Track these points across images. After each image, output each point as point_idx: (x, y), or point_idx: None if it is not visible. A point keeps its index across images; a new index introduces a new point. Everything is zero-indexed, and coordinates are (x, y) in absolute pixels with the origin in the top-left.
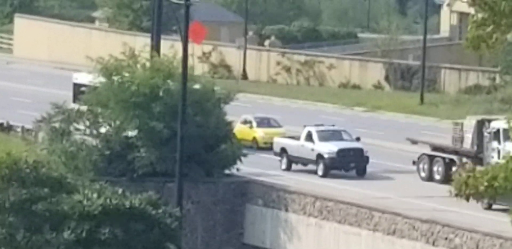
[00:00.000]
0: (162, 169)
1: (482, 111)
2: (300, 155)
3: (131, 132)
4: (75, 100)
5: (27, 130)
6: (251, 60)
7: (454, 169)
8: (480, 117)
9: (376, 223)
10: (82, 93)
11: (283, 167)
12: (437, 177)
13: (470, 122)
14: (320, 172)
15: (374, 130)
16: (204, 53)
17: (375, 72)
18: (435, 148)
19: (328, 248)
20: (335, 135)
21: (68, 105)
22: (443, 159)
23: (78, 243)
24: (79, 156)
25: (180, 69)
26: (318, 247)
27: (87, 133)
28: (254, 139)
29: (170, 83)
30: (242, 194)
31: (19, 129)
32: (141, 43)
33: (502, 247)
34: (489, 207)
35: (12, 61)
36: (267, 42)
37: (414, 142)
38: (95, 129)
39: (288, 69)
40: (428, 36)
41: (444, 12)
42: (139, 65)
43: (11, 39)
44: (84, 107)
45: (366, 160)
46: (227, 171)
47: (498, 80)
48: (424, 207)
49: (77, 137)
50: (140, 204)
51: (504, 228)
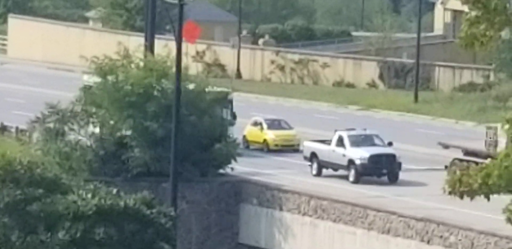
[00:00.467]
0: (156, 169)
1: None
2: (331, 160)
3: (125, 131)
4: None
5: (21, 130)
6: (245, 59)
7: None
8: None
9: (371, 221)
10: None
11: (314, 172)
12: None
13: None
14: (351, 178)
15: (368, 128)
16: (198, 52)
17: (369, 70)
18: (467, 152)
19: (323, 247)
20: (367, 140)
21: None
22: (476, 164)
23: (72, 243)
24: (74, 156)
25: (174, 68)
26: (313, 246)
27: (82, 133)
28: (265, 141)
29: (164, 82)
30: (236, 193)
31: (13, 130)
32: (135, 42)
33: (497, 245)
34: None
35: (6, 61)
36: (261, 41)
37: (446, 146)
38: (89, 129)
39: (282, 68)
40: (422, 34)
41: (438, 10)
42: (133, 65)
43: (5, 39)
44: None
45: (398, 166)
46: (221, 171)
47: (492, 78)
48: (418, 205)
49: (71, 137)
50: (135, 204)
51: (499, 226)
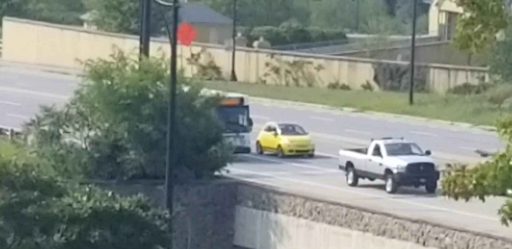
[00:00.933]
0: (151, 171)
1: (471, 110)
2: (367, 169)
3: (120, 134)
4: None
5: (17, 133)
6: (240, 62)
7: None
8: None
9: (366, 223)
10: None
11: (349, 181)
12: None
13: None
14: (388, 188)
15: (364, 130)
16: (193, 54)
17: (364, 72)
18: None
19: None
20: (404, 149)
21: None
22: None
23: (68, 246)
24: (69, 159)
25: (169, 71)
26: (308, 248)
27: (77, 135)
28: (279, 146)
29: (159, 85)
30: (232, 195)
31: (8, 132)
32: (130, 45)
33: (492, 246)
34: None
35: (0, 64)
36: (256, 43)
37: (484, 154)
38: (84, 132)
39: (277, 70)
40: (417, 36)
41: (433, 11)
42: (128, 68)
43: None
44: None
45: (437, 175)
46: (217, 173)
47: (487, 79)
48: (414, 206)
49: (66, 139)
50: (130, 206)
51: (494, 228)
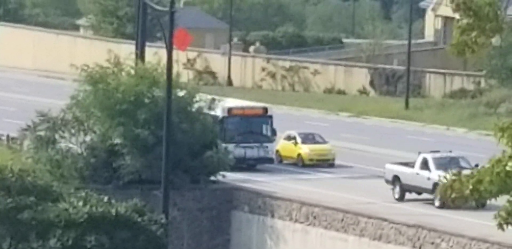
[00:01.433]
0: (147, 176)
1: (467, 115)
2: (415, 183)
3: (116, 139)
4: None
5: (12, 138)
6: (236, 67)
7: None
8: None
9: (362, 228)
10: None
11: (396, 196)
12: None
13: None
14: (437, 203)
15: (360, 135)
16: (189, 60)
17: (360, 77)
18: None
19: None
20: (453, 162)
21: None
22: None
23: None
24: (65, 164)
25: (165, 76)
26: None
27: (73, 141)
28: (299, 155)
29: (155, 90)
30: (228, 200)
31: (4, 137)
32: (126, 50)
33: None
34: None
35: None
36: (252, 48)
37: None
38: (80, 137)
39: (273, 75)
40: (413, 41)
41: (429, 16)
42: (124, 73)
43: None
44: None
45: None
46: (213, 178)
47: (483, 84)
48: (410, 211)
49: (62, 145)
50: (126, 211)
51: (490, 232)
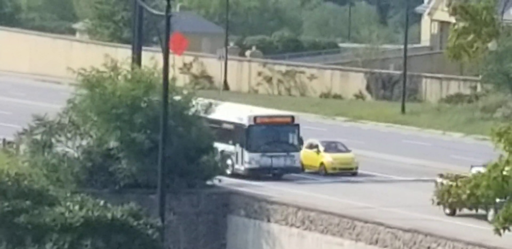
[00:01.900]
0: (144, 181)
1: (463, 120)
2: None
3: (112, 143)
4: None
5: (9, 142)
6: (232, 71)
7: None
8: None
9: (358, 232)
10: None
11: (447, 211)
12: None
13: None
14: (490, 218)
15: (356, 139)
16: (185, 64)
17: (356, 82)
18: None
19: None
20: None
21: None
22: None
23: None
24: (61, 168)
25: (161, 80)
26: None
27: (69, 145)
28: (322, 164)
29: (152, 94)
30: (224, 205)
31: (0, 141)
32: (122, 54)
33: None
34: None
35: None
36: (248, 53)
37: None
38: (76, 141)
39: (269, 79)
40: (409, 46)
41: (425, 21)
42: (120, 77)
43: None
44: None
45: None
46: (209, 182)
47: (479, 89)
48: (406, 216)
49: (58, 149)
50: (122, 215)
51: (486, 237)
